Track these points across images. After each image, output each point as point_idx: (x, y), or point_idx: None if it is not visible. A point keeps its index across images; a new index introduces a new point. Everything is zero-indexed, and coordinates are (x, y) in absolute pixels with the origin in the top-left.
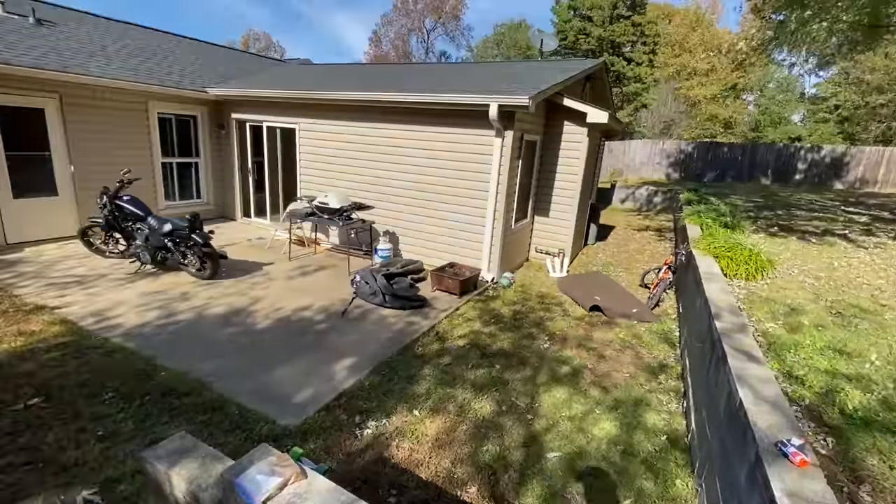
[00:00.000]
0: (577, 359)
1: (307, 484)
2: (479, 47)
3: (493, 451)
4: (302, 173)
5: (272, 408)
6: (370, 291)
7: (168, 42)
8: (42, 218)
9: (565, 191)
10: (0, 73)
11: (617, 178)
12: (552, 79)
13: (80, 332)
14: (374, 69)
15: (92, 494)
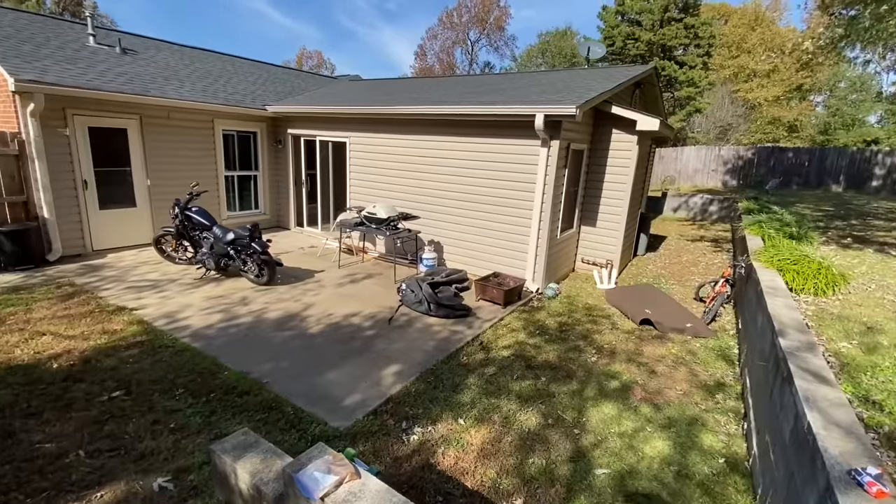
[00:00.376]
0: (626, 374)
1: (361, 484)
2: (524, 57)
3: (539, 464)
4: (351, 184)
5: (323, 409)
6: (416, 300)
7: (231, 64)
8: (122, 227)
9: (614, 200)
10: (93, 98)
11: (669, 186)
12: (599, 87)
13: (154, 332)
14: (420, 82)
15: (166, 482)
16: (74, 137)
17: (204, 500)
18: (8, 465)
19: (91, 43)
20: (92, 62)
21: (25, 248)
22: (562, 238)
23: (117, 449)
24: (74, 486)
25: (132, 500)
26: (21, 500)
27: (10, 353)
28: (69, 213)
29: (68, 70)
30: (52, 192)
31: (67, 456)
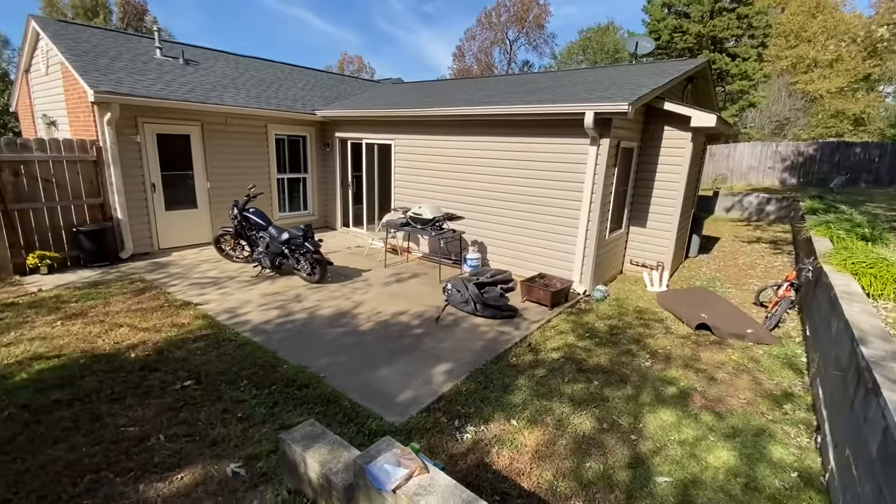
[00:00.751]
0: (683, 380)
1: (430, 478)
2: (563, 54)
3: (596, 469)
4: (396, 186)
5: (378, 405)
6: (462, 299)
7: (281, 71)
8: (184, 227)
9: (665, 199)
10: (161, 107)
11: (720, 185)
12: (651, 83)
13: (217, 326)
14: (462, 83)
15: (238, 467)
16: (144, 144)
17: (273, 487)
18: (97, 446)
19: (158, 55)
20: (159, 73)
21: (102, 247)
22: (610, 239)
23: (192, 435)
24: (157, 468)
25: (209, 482)
26: (111, 479)
27: (94, 342)
28: (139, 215)
29: (139, 81)
30: (125, 195)
31: (149, 439)
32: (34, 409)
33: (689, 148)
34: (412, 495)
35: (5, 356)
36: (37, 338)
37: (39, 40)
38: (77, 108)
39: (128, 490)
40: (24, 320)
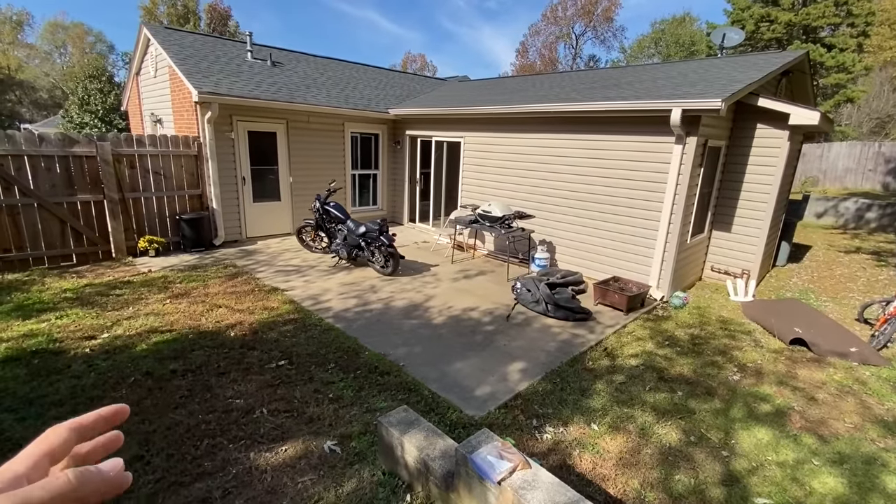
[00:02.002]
0: (778, 398)
1: (533, 473)
2: (634, 48)
3: (686, 483)
4: (464, 183)
5: (457, 397)
6: (532, 299)
7: (357, 71)
8: (269, 218)
9: (755, 203)
10: (253, 106)
11: (811, 188)
12: (744, 77)
13: (303, 311)
14: (531, 80)
15: (334, 445)
16: (237, 140)
17: (368, 466)
18: (211, 415)
19: (249, 58)
20: (251, 74)
21: (199, 234)
22: (691, 243)
23: (291, 411)
24: (264, 439)
25: (310, 457)
26: (226, 445)
27: (198, 320)
28: (231, 205)
29: (234, 82)
30: (220, 187)
31: (254, 412)
32: (156, 377)
33: (786, 147)
34: (517, 489)
35: (127, 328)
36: (151, 313)
37: (150, 46)
38: (181, 107)
39: (241, 457)
40: (139, 297)
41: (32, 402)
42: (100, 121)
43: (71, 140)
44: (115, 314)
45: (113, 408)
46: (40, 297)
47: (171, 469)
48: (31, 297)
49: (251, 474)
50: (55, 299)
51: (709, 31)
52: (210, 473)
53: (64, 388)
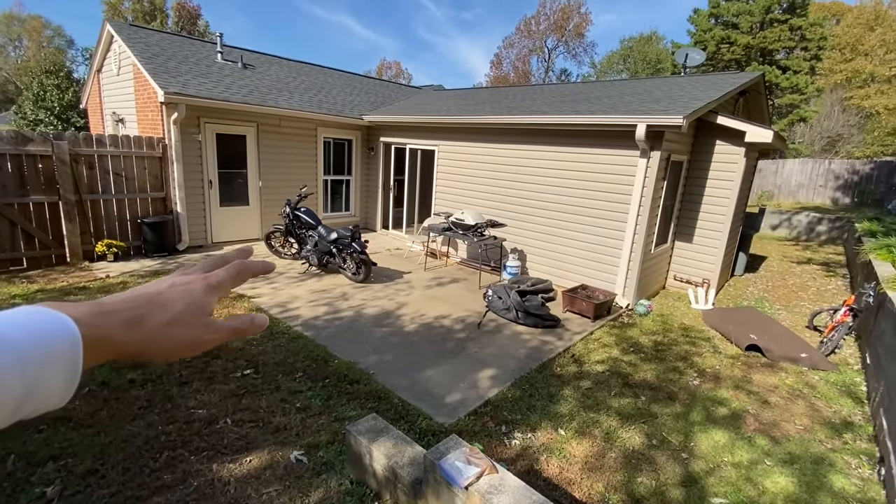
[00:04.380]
0: (735, 401)
1: (500, 478)
2: (604, 63)
3: (648, 485)
4: (437, 190)
5: (427, 405)
6: (503, 307)
7: (330, 76)
8: (236, 223)
9: (714, 215)
10: (222, 108)
11: (766, 202)
12: (704, 96)
13: (270, 319)
14: (505, 91)
15: (301, 455)
16: (205, 142)
17: (336, 475)
18: (172, 425)
19: (219, 59)
20: (220, 76)
21: (162, 238)
22: (655, 253)
23: (256, 421)
24: (227, 449)
25: (276, 467)
26: (187, 457)
27: None
28: (196, 209)
29: (203, 83)
30: (185, 190)
31: (218, 422)
32: (112, 387)
33: (743, 163)
34: (484, 493)
35: None
36: None
37: (113, 43)
38: (146, 107)
39: (203, 468)
40: None
41: None
42: (56, 118)
43: (25, 138)
44: None
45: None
46: None
47: (127, 483)
48: None
49: (213, 486)
50: (3, 305)
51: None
52: (169, 486)
53: None
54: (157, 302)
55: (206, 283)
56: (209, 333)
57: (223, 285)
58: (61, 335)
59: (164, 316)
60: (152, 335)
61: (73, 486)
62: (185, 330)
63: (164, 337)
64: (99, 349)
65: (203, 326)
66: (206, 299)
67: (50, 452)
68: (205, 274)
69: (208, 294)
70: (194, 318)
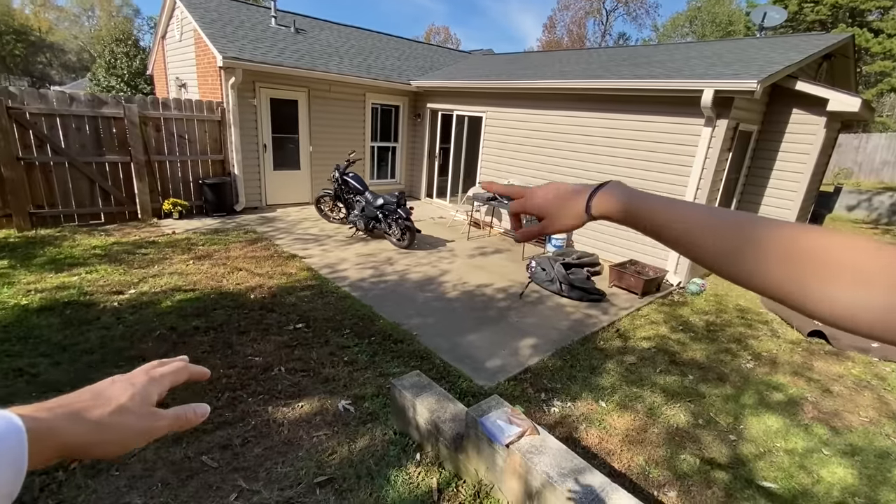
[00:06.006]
0: (792, 387)
1: (541, 440)
2: (667, 26)
3: (691, 462)
4: (483, 159)
5: (468, 367)
6: (547, 278)
7: (379, 41)
8: (288, 186)
9: (784, 191)
10: (276, 73)
11: (843, 180)
12: (782, 58)
13: (320, 278)
14: (558, 55)
15: (348, 404)
16: (260, 107)
17: (380, 426)
18: (232, 370)
19: (273, 24)
20: (274, 41)
21: (221, 198)
22: None
23: (307, 371)
24: (281, 395)
25: (325, 414)
26: (245, 398)
27: (220, 281)
28: (252, 172)
29: (258, 48)
30: (242, 153)
31: (272, 370)
32: (180, 332)
33: (822, 135)
34: (525, 452)
35: (152, 285)
36: (175, 272)
37: (175, 9)
38: (206, 72)
39: (259, 410)
40: (163, 257)
41: (66, 348)
42: (126, 84)
43: (100, 101)
44: (141, 272)
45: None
46: (71, 252)
47: None
48: (62, 252)
49: (269, 426)
50: (85, 255)
51: (748, 10)
52: (231, 423)
53: (94, 337)
54: (101, 396)
55: (148, 377)
56: (156, 420)
57: (163, 380)
58: (5, 429)
59: (108, 407)
60: (101, 425)
61: None
62: (131, 418)
63: (114, 425)
64: (44, 442)
65: (149, 415)
66: (148, 390)
67: None
68: (145, 370)
69: (150, 386)
70: (140, 408)
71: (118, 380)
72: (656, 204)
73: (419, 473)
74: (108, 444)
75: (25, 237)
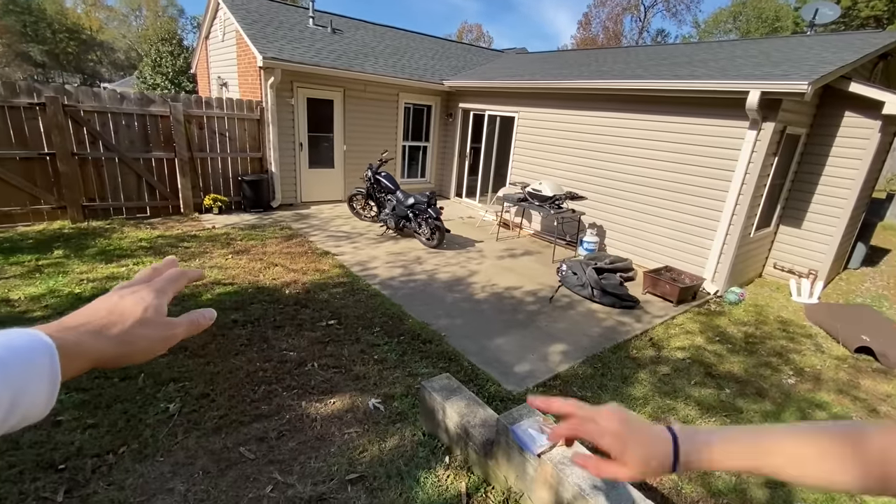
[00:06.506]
0: (836, 406)
1: (573, 451)
2: (709, 22)
3: (727, 480)
4: (515, 159)
5: (496, 371)
6: (578, 283)
7: (412, 40)
8: (322, 184)
9: (832, 198)
10: (314, 73)
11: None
12: (835, 58)
13: (352, 276)
14: (592, 54)
15: (378, 403)
16: (297, 106)
17: (410, 426)
18: (268, 363)
19: (310, 24)
20: (312, 41)
21: (259, 195)
22: (754, 237)
23: (339, 367)
24: (314, 390)
25: (356, 411)
26: (280, 392)
27: (257, 276)
28: (288, 169)
29: (296, 48)
30: (279, 151)
31: (306, 365)
32: (219, 325)
33: (876, 140)
34: (557, 463)
35: None
36: (215, 266)
37: (219, 10)
38: (246, 72)
39: (293, 404)
40: (204, 250)
41: None
42: (170, 82)
43: (148, 99)
44: (183, 265)
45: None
46: (119, 244)
47: (232, 408)
48: (111, 244)
49: (303, 421)
50: (132, 247)
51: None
52: (266, 416)
53: None
54: (115, 312)
55: (153, 289)
56: (173, 328)
57: (166, 290)
58: (38, 347)
59: (128, 322)
60: (124, 340)
61: (189, 405)
62: (151, 329)
63: (136, 337)
64: (74, 358)
65: (166, 324)
66: (157, 301)
67: (171, 375)
68: (145, 278)
69: (158, 297)
70: (155, 319)
71: (125, 294)
72: (746, 448)
73: (448, 476)
74: (133, 354)
75: (78, 228)
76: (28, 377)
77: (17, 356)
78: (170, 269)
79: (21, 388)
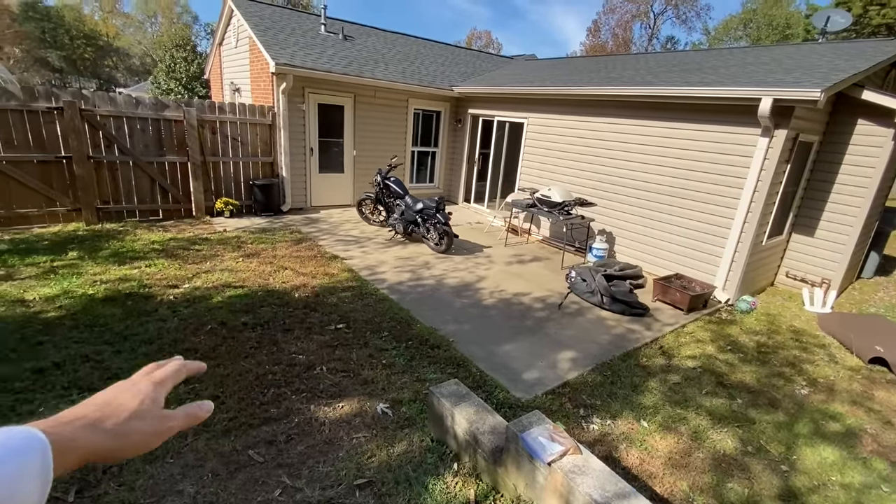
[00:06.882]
0: (850, 417)
1: (584, 460)
2: (719, 29)
3: (740, 492)
4: (523, 165)
5: (504, 378)
6: (587, 289)
7: (423, 47)
8: (332, 189)
9: (845, 206)
10: (325, 79)
11: None
12: (847, 66)
13: (360, 280)
14: (602, 61)
15: (386, 408)
16: (308, 112)
17: (418, 432)
18: (277, 366)
19: (322, 31)
20: (323, 48)
21: (269, 199)
22: (766, 245)
23: (347, 371)
24: (323, 394)
25: (364, 416)
26: (289, 395)
27: (267, 280)
28: (299, 174)
29: (308, 55)
30: (290, 156)
31: (315, 368)
32: (229, 327)
33: (890, 147)
34: (567, 472)
35: (205, 281)
36: (226, 269)
37: (232, 17)
38: (259, 78)
39: (302, 407)
40: (215, 253)
41: (126, 338)
42: (183, 88)
43: (162, 104)
44: (195, 267)
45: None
46: (132, 246)
47: (242, 411)
48: (125, 246)
49: (311, 425)
50: (145, 249)
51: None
52: (275, 419)
53: (152, 328)
54: (112, 404)
55: (151, 381)
56: (168, 422)
57: (166, 383)
58: (32, 445)
59: (122, 415)
60: (118, 433)
61: None
62: (145, 423)
63: (130, 431)
64: (67, 454)
65: (161, 417)
66: (155, 394)
67: None
68: (147, 375)
69: (156, 390)
70: (151, 411)
71: (123, 387)
72: None
73: (456, 483)
74: (126, 448)
75: (92, 230)
76: (21, 477)
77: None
78: (172, 363)
79: (14, 489)
